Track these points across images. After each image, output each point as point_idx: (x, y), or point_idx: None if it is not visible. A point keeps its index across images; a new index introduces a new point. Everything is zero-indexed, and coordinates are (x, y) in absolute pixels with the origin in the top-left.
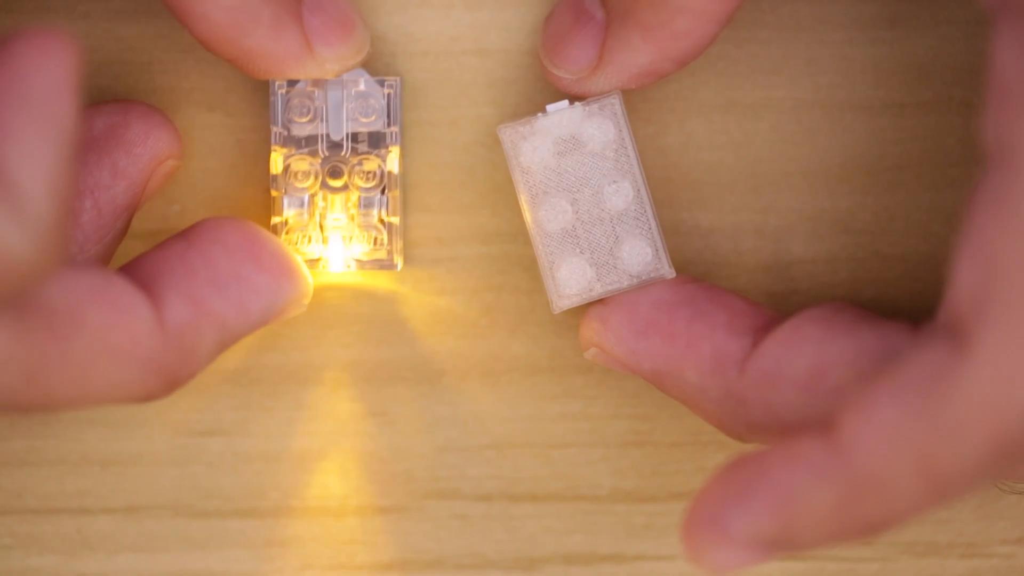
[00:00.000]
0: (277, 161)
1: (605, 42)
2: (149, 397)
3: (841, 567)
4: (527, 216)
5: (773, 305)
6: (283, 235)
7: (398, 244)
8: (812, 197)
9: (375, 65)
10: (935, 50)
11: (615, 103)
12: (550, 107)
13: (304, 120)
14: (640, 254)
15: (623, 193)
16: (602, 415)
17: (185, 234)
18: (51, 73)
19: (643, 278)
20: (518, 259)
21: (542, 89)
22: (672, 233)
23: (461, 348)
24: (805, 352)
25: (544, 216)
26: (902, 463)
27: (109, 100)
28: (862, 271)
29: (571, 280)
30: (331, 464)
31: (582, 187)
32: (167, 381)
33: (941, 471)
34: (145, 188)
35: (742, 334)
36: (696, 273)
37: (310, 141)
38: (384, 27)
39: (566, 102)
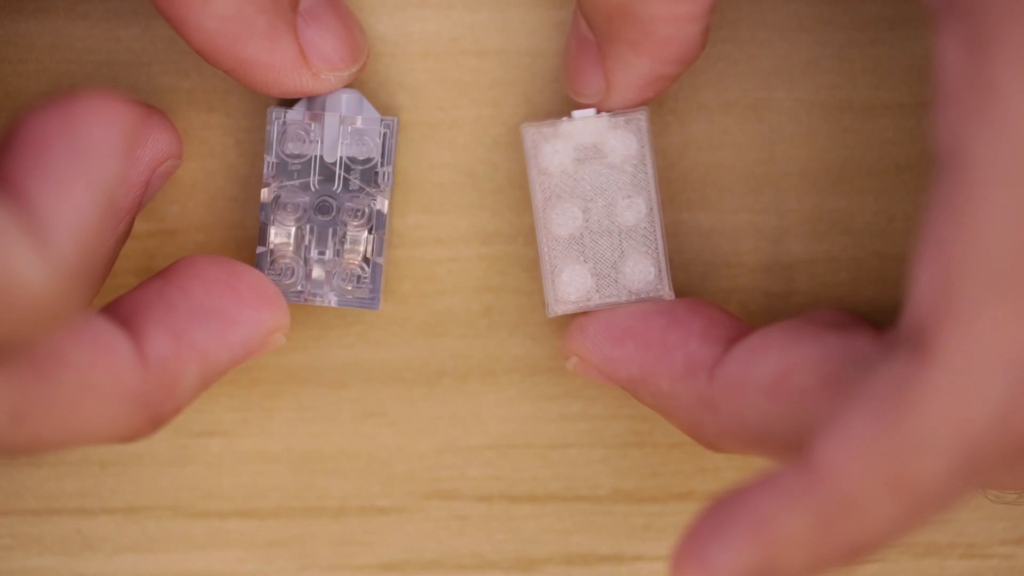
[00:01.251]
0: (267, 191)
1: (604, 64)
2: (134, 435)
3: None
4: (537, 217)
5: (773, 305)
6: (267, 266)
7: (380, 283)
8: (812, 197)
9: (375, 66)
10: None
11: (641, 119)
12: (576, 113)
13: (298, 152)
14: (643, 272)
15: (636, 209)
16: (602, 415)
17: (162, 273)
18: (106, 131)
19: (642, 296)
20: (518, 259)
21: (541, 89)
22: (672, 233)
23: (461, 348)
24: (770, 357)
25: (554, 219)
26: (874, 481)
27: None
28: (862, 271)
29: (571, 287)
30: (331, 464)
31: (596, 196)
32: (151, 417)
33: (913, 486)
34: (146, 189)
35: (715, 343)
36: (696, 273)
37: (303, 172)
38: (384, 27)
39: (593, 110)
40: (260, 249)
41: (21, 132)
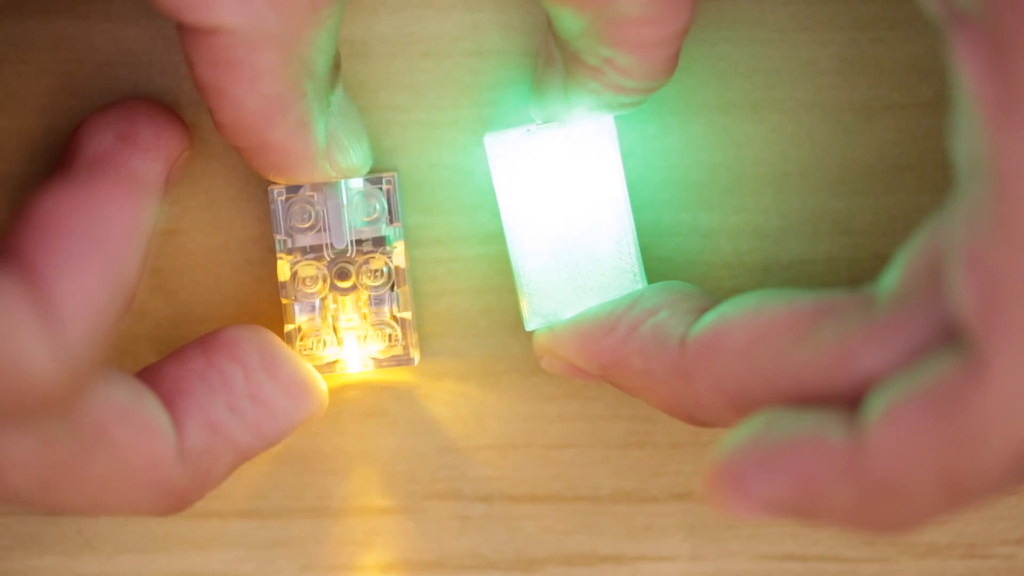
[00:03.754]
0: (284, 268)
1: (567, 86)
2: (158, 515)
3: (841, 567)
4: (507, 229)
5: None
6: (297, 342)
7: (413, 338)
8: (812, 198)
9: (375, 66)
10: (935, 50)
11: (608, 126)
12: (541, 123)
13: (306, 226)
14: (618, 279)
15: (606, 216)
16: (602, 416)
17: (204, 346)
18: (121, 219)
19: None
20: None
21: None
22: (672, 234)
23: (461, 348)
24: (743, 320)
25: (525, 232)
26: (924, 474)
27: (112, 103)
28: (862, 272)
29: (547, 299)
30: (332, 465)
31: (566, 207)
32: (177, 503)
33: (961, 482)
34: (166, 187)
35: (685, 313)
36: (696, 273)
37: (315, 248)
38: (384, 27)
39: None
40: (288, 327)
41: (39, 211)
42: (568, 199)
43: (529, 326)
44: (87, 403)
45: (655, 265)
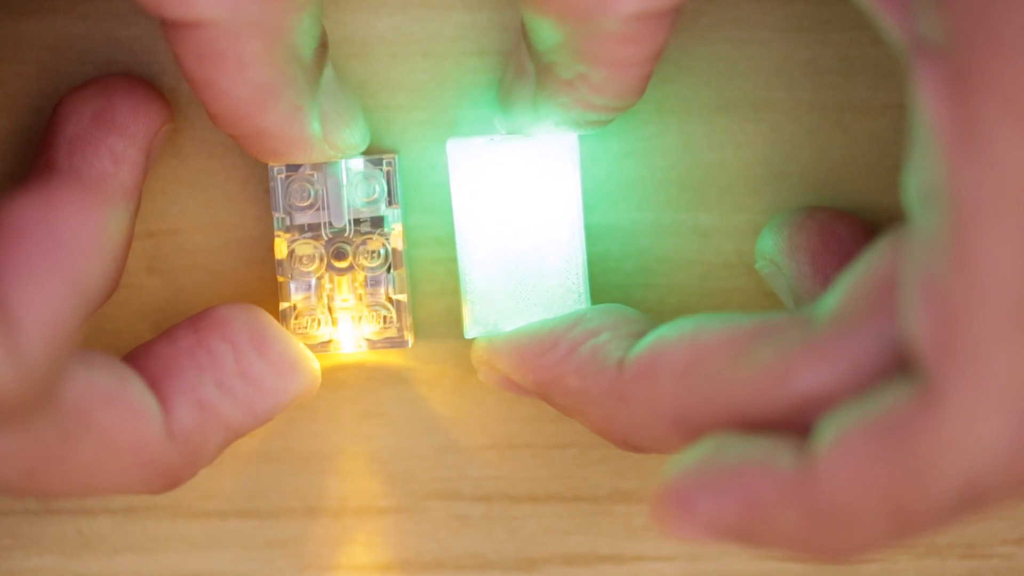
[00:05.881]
0: (281, 246)
1: (536, 98)
2: (149, 493)
3: (841, 567)
4: (459, 234)
5: (773, 305)
6: (292, 320)
7: (407, 320)
8: (812, 197)
9: (374, 66)
10: None
11: (571, 144)
12: (506, 134)
13: (305, 204)
14: (563, 298)
15: (559, 234)
16: None
17: (195, 325)
18: (82, 228)
19: None
20: None
21: None
22: (672, 234)
23: (461, 348)
24: (682, 341)
25: (476, 240)
26: (871, 502)
27: (89, 80)
28: None
29: (489, 309)
30: (331, 464)
31: (519, 220)
32: (169, 481)
33: (908, 512)
34: (147, 162)
35: (626, 337)
36: (696, 273)
37: (313, 227)
38: (384, 27)
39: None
40: (283, 305)
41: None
42: (523, 212)
43: (468, 334)
44: (68, 390)
45: (655, 265)
